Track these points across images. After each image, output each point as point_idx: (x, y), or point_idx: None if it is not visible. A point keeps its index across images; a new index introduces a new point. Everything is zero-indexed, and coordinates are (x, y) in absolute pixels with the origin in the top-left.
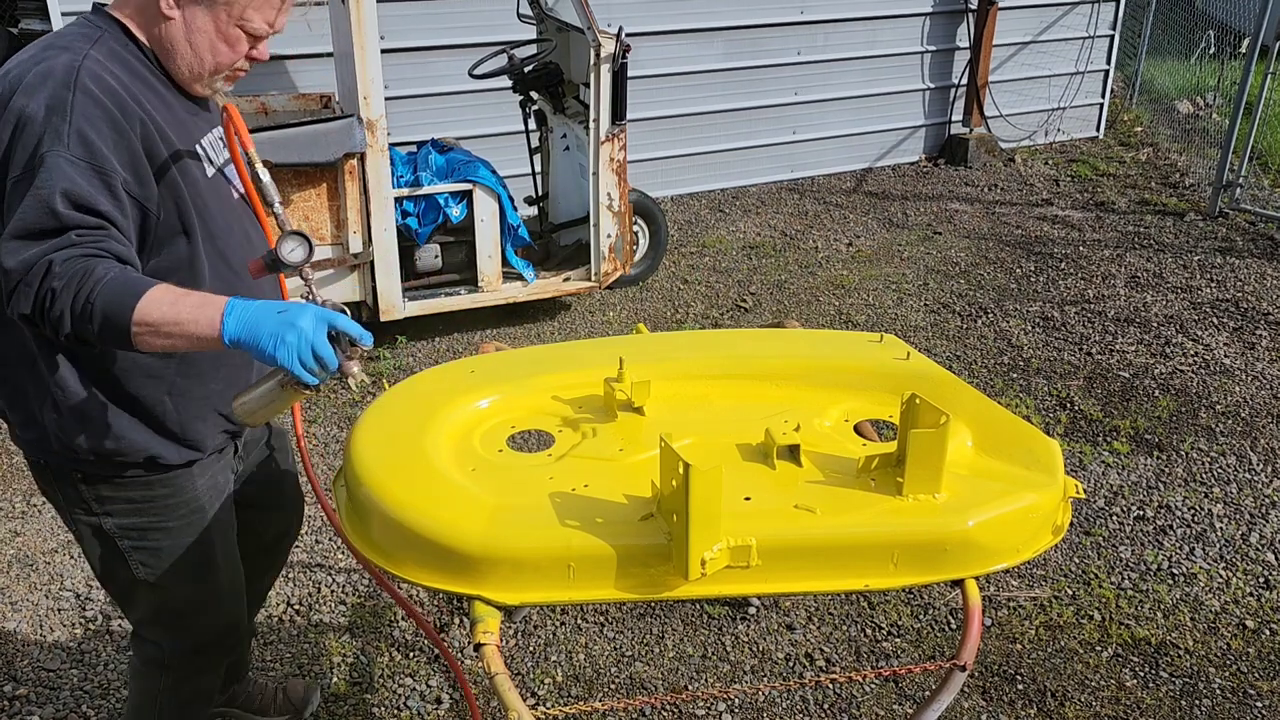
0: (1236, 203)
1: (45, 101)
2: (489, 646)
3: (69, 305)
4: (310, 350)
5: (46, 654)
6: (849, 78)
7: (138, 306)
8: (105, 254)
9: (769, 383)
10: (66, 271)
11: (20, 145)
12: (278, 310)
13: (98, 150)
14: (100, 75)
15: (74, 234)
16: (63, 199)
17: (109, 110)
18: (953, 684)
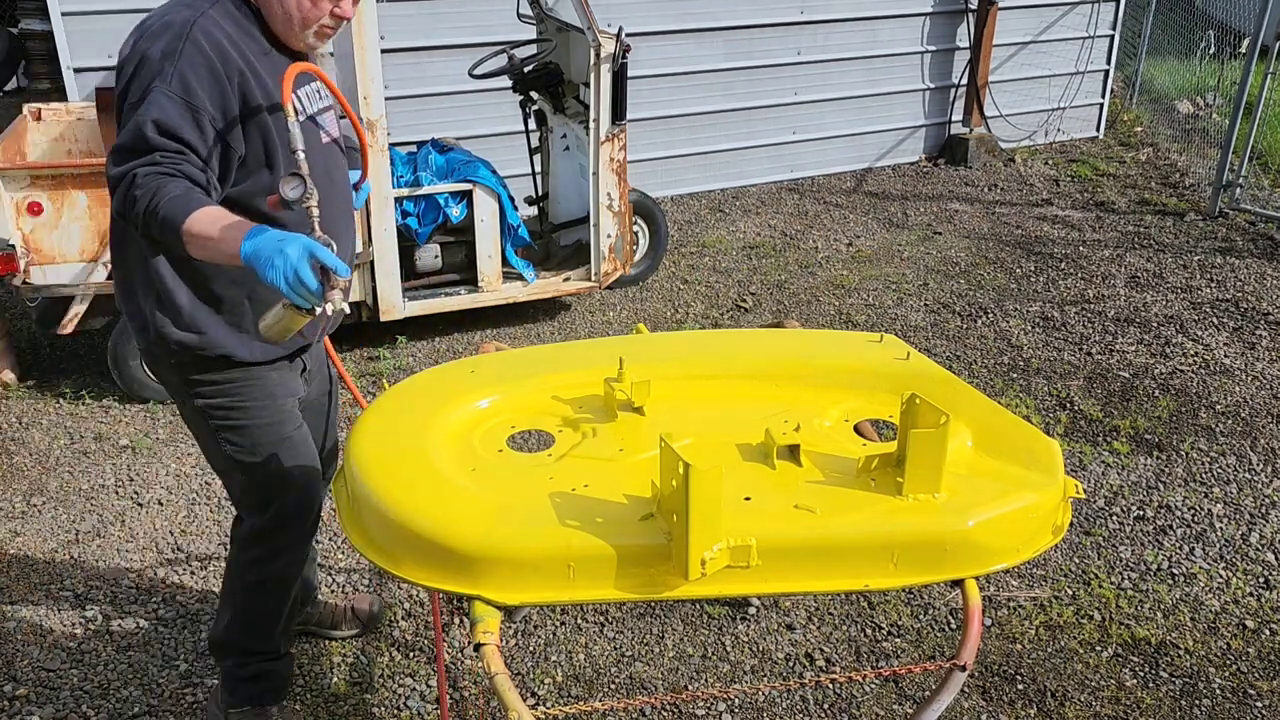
0: (1236, 203)
1: (162, 48)
2: (489, 646)
3: (143, 211)
4: (294, 273)
5: (46, 654)
6: (849, 78)
7: (187, 220)
8: (179, 174)
9: (769, 383)
10: (145, 184)
11: (138, 80)
12: (278, 239)
13: (194, 91)
14: (210, 30)
15: (158, 155)
16: (153, 126)
17: (210, 60)
18: (953, 684)
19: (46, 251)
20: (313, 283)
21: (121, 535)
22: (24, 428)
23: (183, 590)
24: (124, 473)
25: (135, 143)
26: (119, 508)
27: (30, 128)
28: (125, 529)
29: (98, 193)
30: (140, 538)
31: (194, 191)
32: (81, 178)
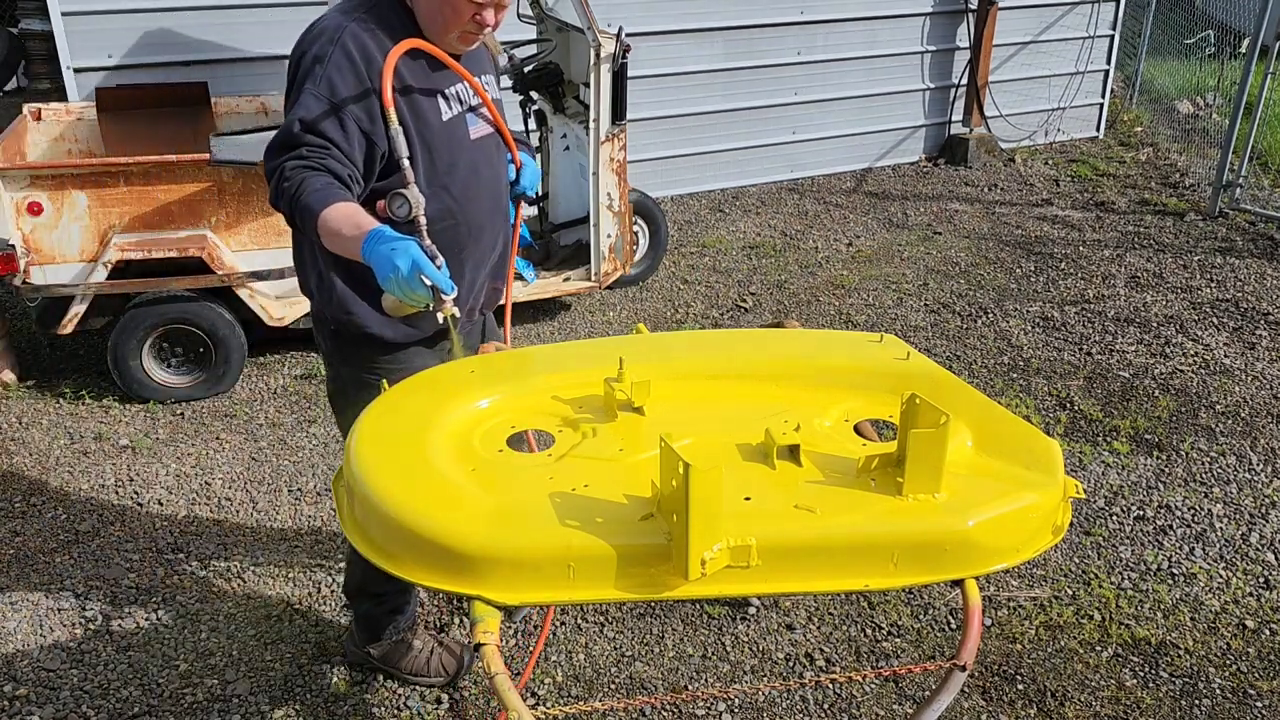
0: (1236, 203)
1: (314, 52)
2: (489, 646)
3: (288, 202)
4: (404, 284)
5: (46, 654)
6: (849, 78)
7: (322, 215)
8: (322, 169)
9: (769, 383)
10: (291, 177)
11: (295, 80)
12: (390, 249)
13: (339, 92)
14: (358, 34)
15: (304, 149)
16: (300, 123)
17: (355, 63)
18: (953, 684)
19: (46, 251)
20: (420, 292)
21: (121, 535)
22: (24, 428)
23: (183, 590)
24: (124, 473)
25: (285, 138)
26: (119, 508)
27: (30, 128)
28: (125, 529)
29: (98, 193)
30: (140, 538)
31: (333, 186)
32: (81, 178)
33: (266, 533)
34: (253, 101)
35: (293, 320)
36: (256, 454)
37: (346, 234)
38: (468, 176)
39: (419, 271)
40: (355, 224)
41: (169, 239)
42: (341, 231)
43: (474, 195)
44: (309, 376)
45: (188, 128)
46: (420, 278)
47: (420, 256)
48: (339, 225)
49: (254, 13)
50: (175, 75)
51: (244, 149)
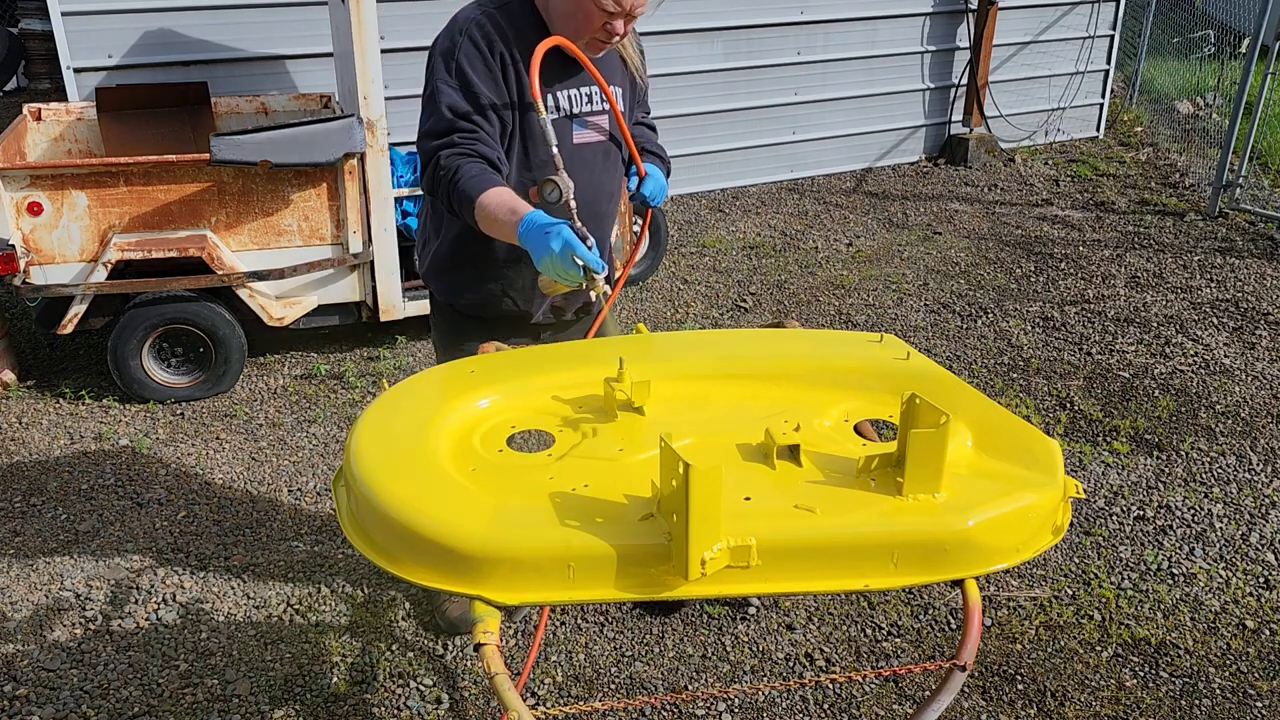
0: (1236, 203)
1: (446, 43)
2: (489, 646)
3: (445, 189)
4: (557, 264)
5: (46, 654)
6: (849, 78)
7: (479, 200)
8: (475, 154)
9: (769, 383)
10: (447, 164)
11: (431, 70)
12: (544, 232)
13: (473, 80)
14: (485, 26)
15: (456, 136)
16: (451, 111)
17: (483, 53)
18: (953, 684)
19: (46, 251)
20: (573, 272)
21: (121, 535)
22: (24, 428)
23: (183, 590)
24: (124, 473)
25: (437, 126)
26: (119, 507)
27: (30, 128)
28: (125, 529)
29: (98, 193)
30: (140, 538)
31: (487, 172)
32: (81, 178)
33: (266, 533)
34: (253, 101)
35: (293, 320)
36: (256, 454)
37: (502, 219)
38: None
39: (571, 252)
40: (510, 209)
41: (169, 239)
42: (497, 216)
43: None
44: (309, 376)
45: (188, 128)
46: (573, 258)
47: (572, 238)
48: (495, 210)
49: (254, 13)
50: (175, 75)
51: (244, 149)
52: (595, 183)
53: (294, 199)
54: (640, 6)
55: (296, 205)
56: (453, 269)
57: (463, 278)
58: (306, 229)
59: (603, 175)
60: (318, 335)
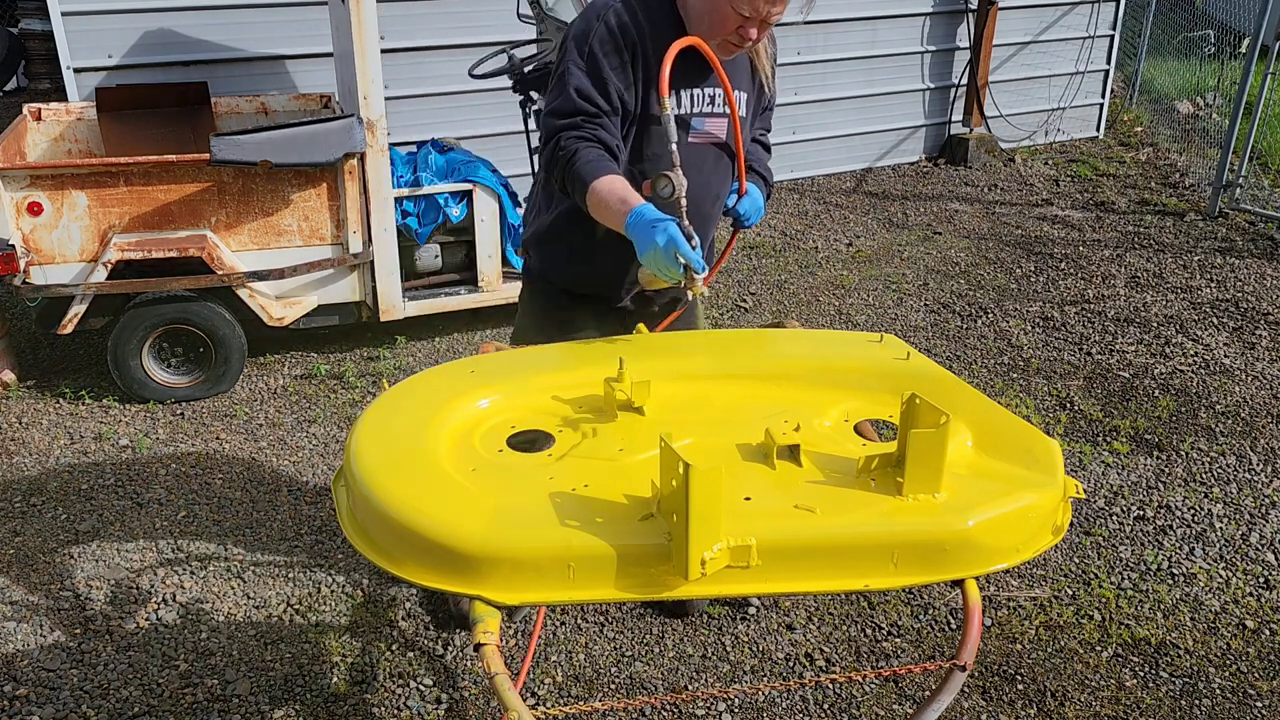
0: (1236, 203)
1: (582, 27)
2: (489, 646)
3: (561, 170)
4: (660, 259)
5: (46, 654)
6: (849, 78)
7: (591, 185)
8: (595, 140)
9: (769, 383)
10: (567, 146)
11: (563, 52)
12: (650, 226)
13: (603, 66)
14: (622, 14)
15: (580, 119)
16: (578, 93)
17: (617, 40)
18: (953, 684)
19: (46, 251)
20: (674, 269)
21: (121, 535)
22: (24, 428)
23: (183, 590)
24: (124, 473)
25: (562, 107)
26: (119, 508)
27: (30, 128)
28: (125, 529)
29: (98, 193)
30: (140, 538)
31: (604, 159)
32: (81, 178)
33: (266, 533)
34: (253, 101)
35: (293, 320)
36: (256, 454)
37: (612, 207)
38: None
39: (675, 249)
40: (621, 199)
41: (169, 239)
42: (608, 204)
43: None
44: (309, 376)
45: (188, 128)
46: (675, 255)
47: (678, 235)
48: (606, 198)
49: (254, 13)
50: (175, 75)
51: (244, 149)
52: (703, 183)
53: (294, 199)
54: (776, 14)
55: (296, 205)
56: (552, 241)
57: (559, 252)
58: (306, 229)
59: (712, 177)
60: (318, 335)
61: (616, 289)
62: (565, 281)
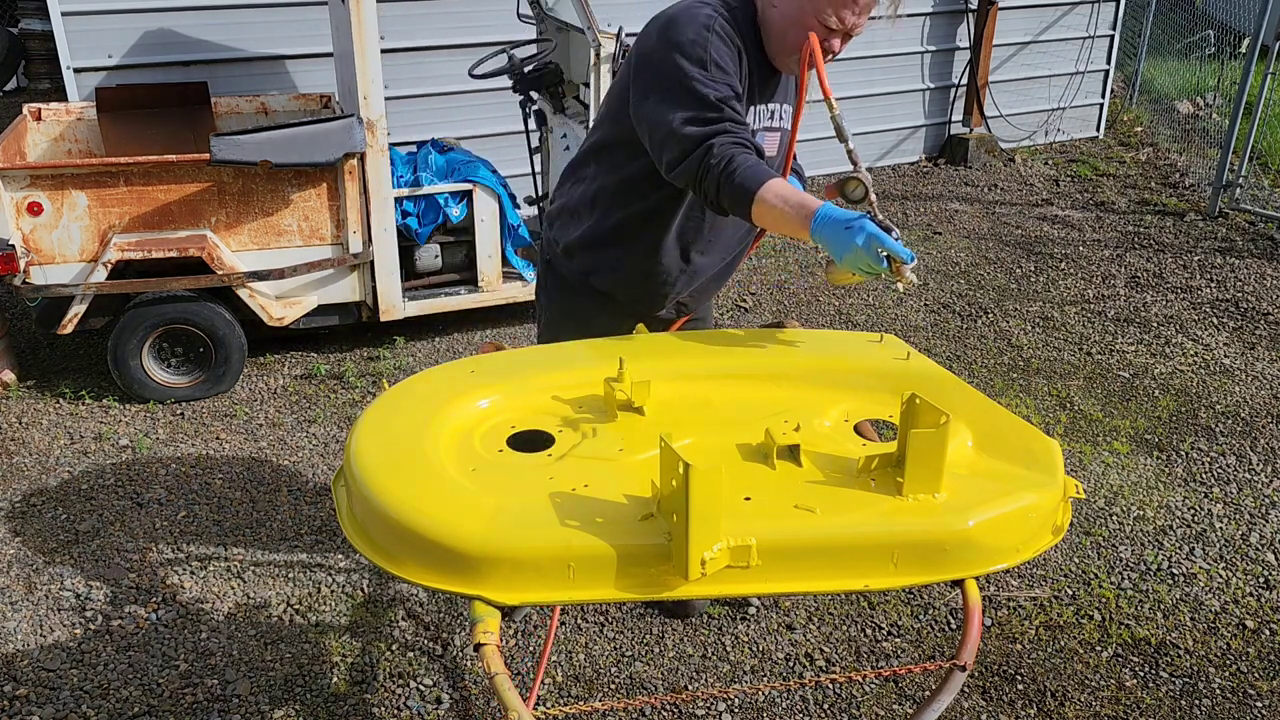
0: (1236, 203)
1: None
2: (489, 646)
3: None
4: (863, 260)
5: (46, 654)
6: (849, 78)
7: (759, 193)
8: (747, 145)
9: (769, 383)
10: (721, 153)
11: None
12: (844, 225)
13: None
14: (726, 26)
15: (729, 124)
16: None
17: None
18: (953, 684)
19: (46, 251)
20: (877, 265)
21: (121, 535)
22: (24, 428)
23: (183, 590)
24: (124, 473)
25: (704, 113)
26: (119, 508)
27: (30, 128)
28: (125, 529)
29: (98, 193)
30: (140, 538)
31: (761, 165)
32: (81, 178)
33: (266, 533)
34: (253, 101)
35: (293, 320)
36: (256, 454)
37: (789, 212)
38: None
39: (877, 244)
40: (799, 203)
41: (169, 239)
42: (784, 210)
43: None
44: (309, 376)
45: (188, 128)
46: (878, 251)
47: (877, 231)
48: (778, 204)
49: (254, 13)
50: (175, 75)
51: (244, 149)
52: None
53: (294, 199)
54: (859, 26)
55: (296, 205)
56: (605, 246)
57: (612, 257)
58: (306, 229)
59: None
60: (318, 335)
61: (664, 297)
62: (610, 286)
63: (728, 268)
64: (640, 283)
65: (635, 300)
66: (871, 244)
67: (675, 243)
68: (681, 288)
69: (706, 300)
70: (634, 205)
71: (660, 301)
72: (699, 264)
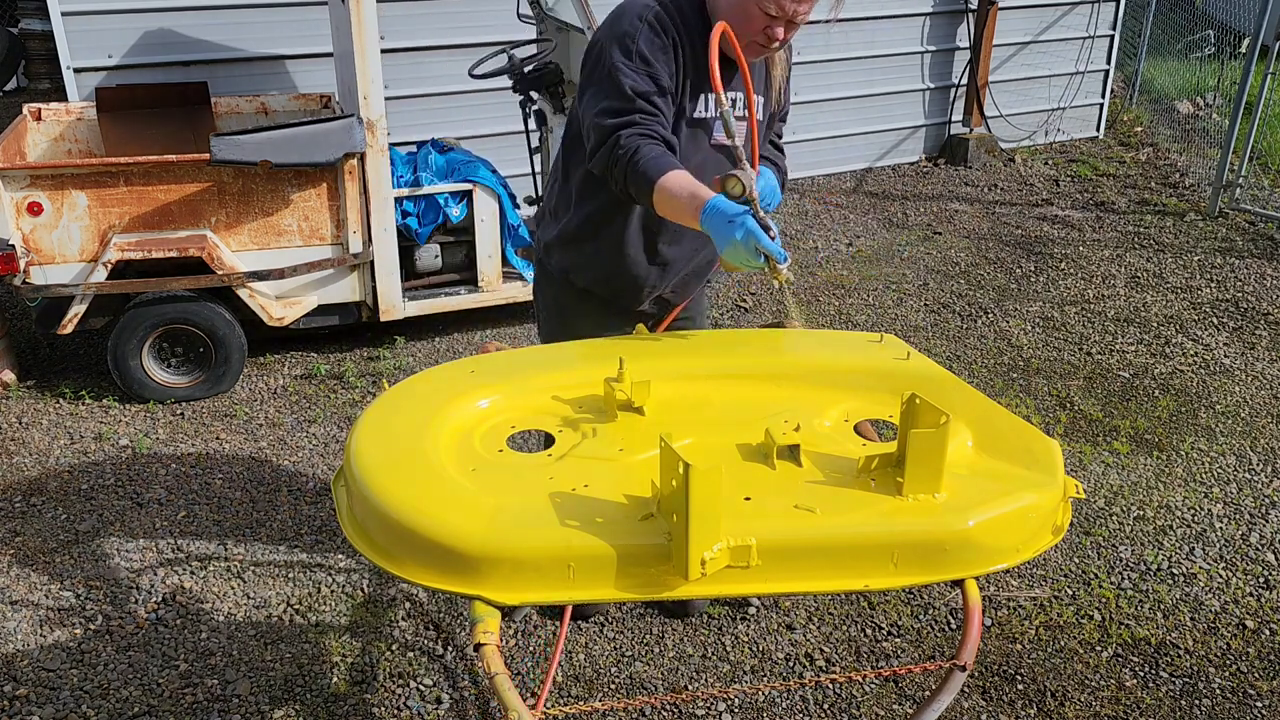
0: (1236, 203)
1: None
2: (489, 646)
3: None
4: (741, 255)
5: (46, 654)
6: (849, 78)
7: (658, 183)
8: (654, 136)
9: (769, 383)
10: (627, 144)
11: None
12: (727, 220)
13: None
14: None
15: (638, 116)
16: (634, 92)
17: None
18: (953, 684)
19: (46, 251)
20: (755, 261)
21: (121, 535)
22: (24, 428)
23: (183, 590)
24: (124, 473)
25: (618, 105)
26: (119, 508)
27: (30, 128)
28: (125, 529)
29: (98, 193)
30: (140, 538)
31: (666, 155)
32: (81, 178)
33: (266, 533)
34: (253, 101)
35: (293, 320)
36: (256, 454)
37: (683, 202)
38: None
39: (754, 242)
40: (692, 194)
41: (169, 239)
42: (678, 200)
43: None
44: (309, 376)
45: (188, 128)
46: (755, 248)
47: (755, 228)
48: (676, 193)
49: (254, 13)
50: (175, 75)
51: (244, 149)
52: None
53: (294, 199)
54: (803, 13)
55: (296, 205)
56: (578, 242)
57: (586, 253)
58: (306, 229)
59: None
60: (318, 335)
61: (640, 291)
62: (588, 282)
63: (706, 262)
64: (614, 277)
65: (614, 295)
66: (749, 240)
67: (640, 234)
68: (656, 281)
69: (691, 295)
70: (598, 198)
71: (638, 296)
72: (669, 255)
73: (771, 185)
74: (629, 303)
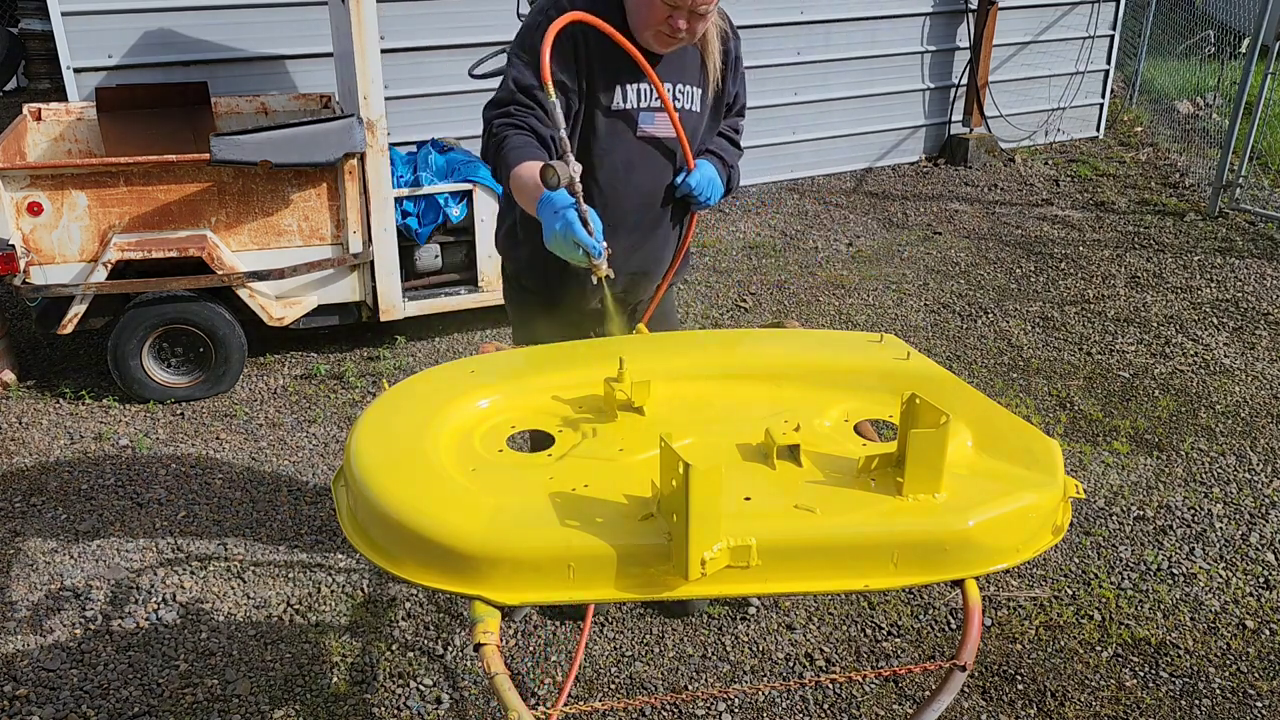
0: (1236, 203)
1: (529, 20)
2: (489, 646)
3: (491, 156)
4: (560, 246)
5: (46, 654)
6: (849, 78)
7: (513, 171)
8: (525, 128)
9: (769, 383)
10: (497, 133)
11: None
12: (552, 212)
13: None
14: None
15: (513, 108)
16: (515, 84)
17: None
18: (953, 684)
19: (46, 251)
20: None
21: (121, 535)
22: (24, 428)
23: (183, 590)
24: (124, 473)
25: (500, 96)
26: (119, 507)
27: (30, 128)
28: (125, 529)
29: (98, 193)
30: (140, 538)
31: (530, 145)
32: (81, 178)
33: (266, 533)
34: (253, 101)
35: (293, 320)
36: (256, 454)
37: (529, 192)
38: (619, 175)
39: (571, 235)
40: (537, 184)
41: (169, 239)
42: (525, 188)
43: (620, 190)
44: (309, 376)
45: (188, 128)
46: (573, 240)
47: (574, 221)
48: (524, 182)
49: (254, 13)
50: (175, 75)
51: (244, 149)
52: (653, 179)
53: (294, 199)
54: (703, 5)
55: (296, 205)
56: (518, 244)
57: (525, 254)
58: (306, 229)
59: (663, 174)
60: (318, 335)
61: (584, 290)
62: (531, 282)
63: (652, 257)
64: (552, 275)
65: (560, 294)
66: (567, 232)
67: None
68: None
69: (645, 294)
70: None
71: (583, 295)
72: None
73: (709, 177)
74: (577, 300)
